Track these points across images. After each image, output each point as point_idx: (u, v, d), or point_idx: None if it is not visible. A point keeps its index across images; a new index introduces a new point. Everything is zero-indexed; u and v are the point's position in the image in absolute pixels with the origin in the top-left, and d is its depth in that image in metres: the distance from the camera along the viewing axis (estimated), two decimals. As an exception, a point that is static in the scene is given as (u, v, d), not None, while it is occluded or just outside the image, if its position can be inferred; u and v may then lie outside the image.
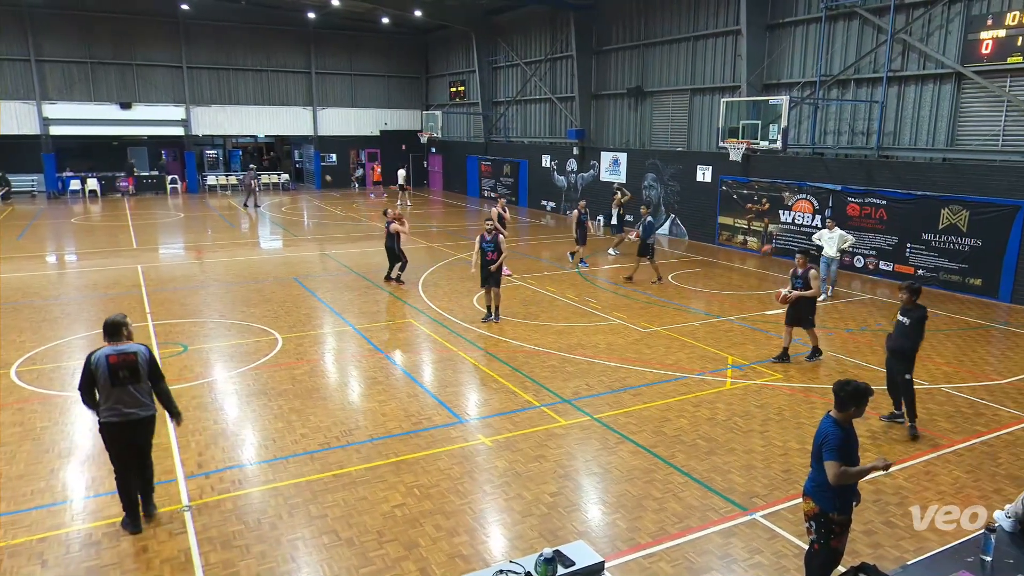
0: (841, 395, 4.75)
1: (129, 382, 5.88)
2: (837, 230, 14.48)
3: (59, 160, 33.12)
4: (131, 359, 5.89)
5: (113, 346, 5.92)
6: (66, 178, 33.35)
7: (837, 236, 14.30)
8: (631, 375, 10.08)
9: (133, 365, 5.89)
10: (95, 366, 5.84)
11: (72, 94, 32.04)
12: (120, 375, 5.84)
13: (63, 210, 28.81)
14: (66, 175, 33.39)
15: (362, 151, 39.91)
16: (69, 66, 31.83)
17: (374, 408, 8.86)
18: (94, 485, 6.89)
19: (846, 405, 4.75)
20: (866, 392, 4.74)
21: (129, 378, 5.88)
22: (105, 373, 5.82)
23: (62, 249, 20.83)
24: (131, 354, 5.91)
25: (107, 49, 32.35)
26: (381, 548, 5.89)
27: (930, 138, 16.31)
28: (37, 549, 5.84)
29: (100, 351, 5.90)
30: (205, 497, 6.67)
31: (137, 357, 5.92)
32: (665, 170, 23.40)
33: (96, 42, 32.08)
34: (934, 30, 16.00)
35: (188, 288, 15.28)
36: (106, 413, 5.91)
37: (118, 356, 5.86)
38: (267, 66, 35.84)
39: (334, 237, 22.72)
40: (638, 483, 7.02)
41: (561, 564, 4.02)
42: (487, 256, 12.40)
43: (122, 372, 5.85)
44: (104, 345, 5.96)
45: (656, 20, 23.57)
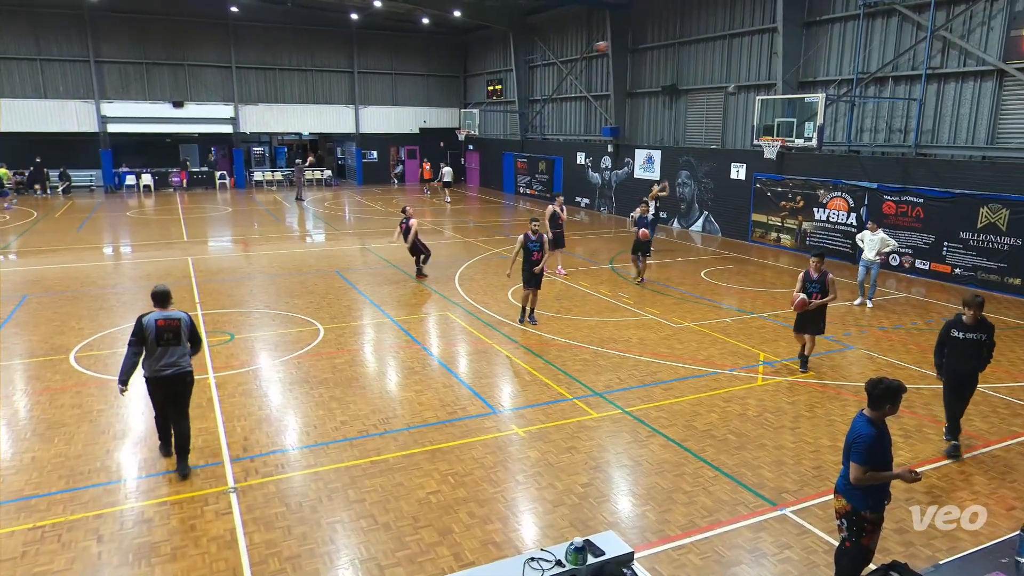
0: (875, 393, 4.63)
1: (171, 343, 6.70)
2: (880, 232, 13.43)
3: (116, 156, 34.03)
4: (175, 324, 6.73)
5: (161, 311, 6.73)
6: (122, 173, 34.26)
7: (878, 239, 13.27)
8: (662, 370, 9.99)
9: (176, 329, 6.72)
10: (146, 327, 6.62)
11: (128, 93, 32.88)
12: (165, 337, 6.66)
13: (119, 204, 29.61)
14: (122, 171, 34.30)
15: (402, 148, 40.20)
16: (125, 67, 32.65)
17: (411, 397, 8.94)
18: (146, 466, 7.09)
19: (880, 403, 4.63)
20: (899, 389, 4.62)
21: (172, 340, 6.69)
22: (153, 334, 6.62)
23: (118, 241, 21.41)
24: (175, 320, 6.74)
25: (161, 50, 33.10)
26: (416, 533, 5.96)
27: (970, 136, 15.81)
28: (93, 525, 6.04)
29: (150, 315, 6.69)
30: (250, 480, 6.81)
31: (180, 323, 6.75)
32: (699, 168, 23.09)
33: (151, 44, 32.84)
34: (976, 27, 15.49)
35: (235, 279, 15.58)
36: (150, 370, 6.74)
37: (165, 320, 6.68)
38: (312, 66, 36.28)
39: (374, 231, 22.93)
40: (668, 476, 6.96)
41: (591, 553, 4.02)
42: (532, 256, 11.72)
43: (167, 334, 6.67)
44: (154, 310, 6.73)
45: (692, 18, 23.24)
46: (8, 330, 11.56)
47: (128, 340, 6.74)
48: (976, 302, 7.10)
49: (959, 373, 7.27)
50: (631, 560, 4.14)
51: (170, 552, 5.67)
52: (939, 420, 8.39)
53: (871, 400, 4.66)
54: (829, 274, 9.56)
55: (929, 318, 13.09)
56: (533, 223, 11.99)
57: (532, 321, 12.05)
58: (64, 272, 16.10)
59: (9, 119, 30.85)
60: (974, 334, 7.15)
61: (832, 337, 11.55)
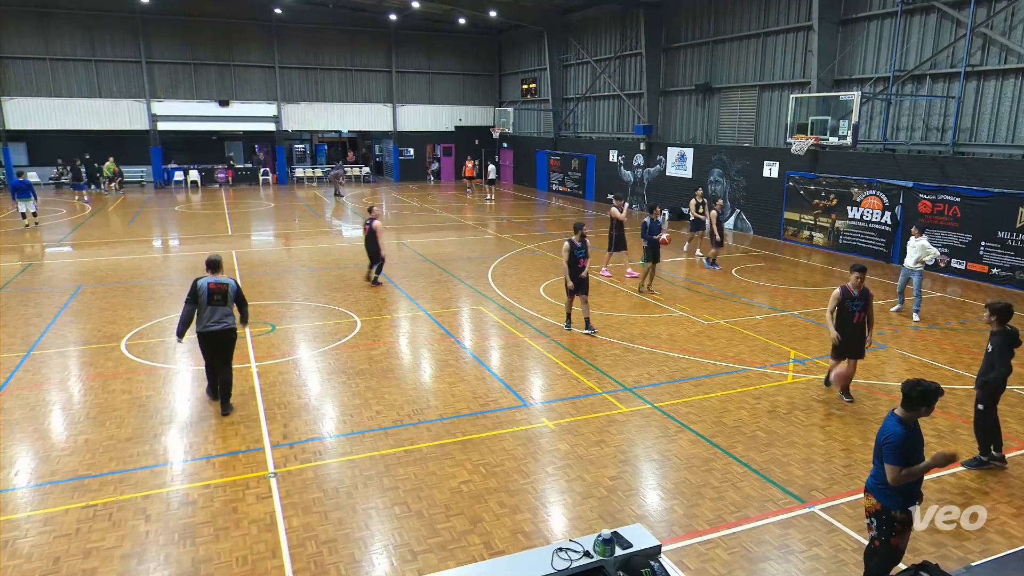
0: (912, 395, 4.48)
1: (220, 304, 7.86)
2: (923, 239, 12.17)
3: (165, 153, 34.83)
4: (224, 288, 7.89)
5: (213, 276, 7.94)
6: (171, 170, 35.06)
7: (919, 246, 12.06)
8: (692, 366, 9.89)
9: (224, 292, 7.88)
10: (200, 288, 7.81)
11: (177, 92, 33.61)
12: (215, 298, 7.83)
13: (168, 199, 30.30)
14: (171, 167, 35.10)
15: (437, 146, 40.39)
16: (174, 67, 33.37)
17: (444, 389, 8.99)
18: (192, 450, 7.26)
19: (916, 405, 4.50)
20: (936, 392, 4.49)
21: (220, 301, 7.86)
22: (205, 295, 7.79)
23: (166, 235, 21.92)
24: (224, 284, 7.93)
25: (208, 51, 33.74)
26: (448, 521, 6.00)
27: (1010, 134, 15.29)
28: (141, 505, 6.21)
29: (204, 279, 7.89)
30: (289, 465, 6.93)
31: (228, 287, 7.93)
32: (731, 166, 22.75)
33: (198, 45, 33.50)
34: (1017, 23, 14.95)
35: (277, 272, 15.84)
36: (202, 326, 7.88)
37: (216, 284, 7.86)
38: (351, 65, 36.63)
39: (410, 227, 23.10)
40: (697, 471, 6.90)
41: (619, 545, 4.00)
42: (579, 263, 11.05)
43: (216, 296, 7.83)
44: (207, 275, 7.95)
45: (726, 17, 22.87)
46: (64, 318, 11.93)
47: (184, 299, 7.91)
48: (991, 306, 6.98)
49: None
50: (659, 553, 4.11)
51: (213, 533, 5.80)
52: (971, 421, 8.16)
53: (906, 401, 4.54)
54: (870, 291, 8.44)
55: (964, 318, 12.72)
56: (579, 230, 11.20)
57: (591, 331, 11.21)
58: (116, 264, 16.54)
59: (65, 117, 31.77)
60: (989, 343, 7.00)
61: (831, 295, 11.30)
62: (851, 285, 8.32)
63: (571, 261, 11.00)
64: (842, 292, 8.37)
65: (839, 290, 8.40)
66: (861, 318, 8.33)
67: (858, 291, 8.29)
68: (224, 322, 7.91)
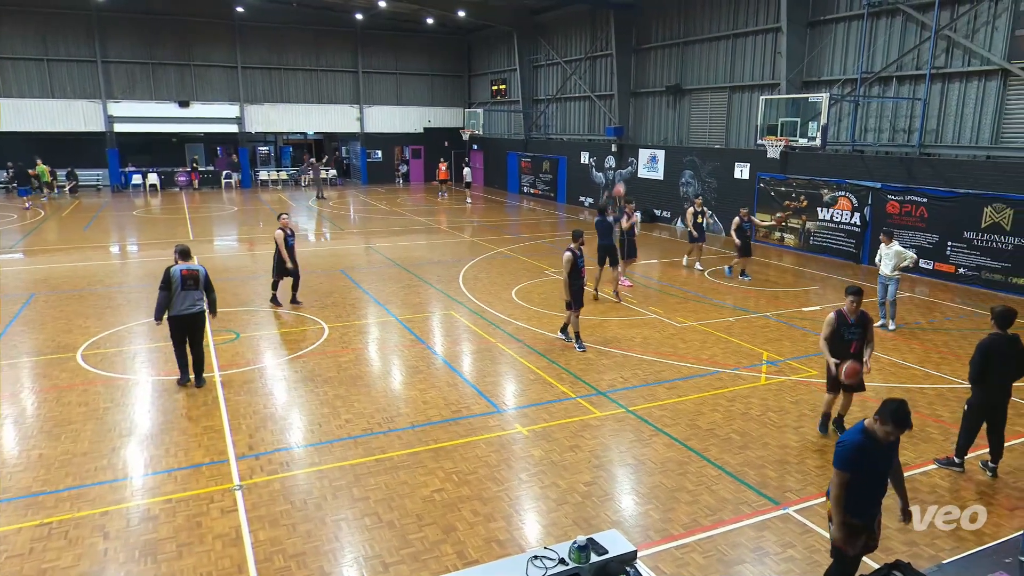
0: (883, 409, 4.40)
1: (192, 288, 8.80)
2: (895, 245, 11.75)
3: (122, 156, 34.12)
4: (195, 273, 8.86)
5: (185, 264, 8.82)
6: (128, 173, 34.37)
7: (893, 253, 11.63)
8: (666, 369, 9.98)
9: (196, 276, 8.84)
10: (173, 275, 8.68)
11: (134, 93, 32.98)
12: (188, 283, 8.75)
13: (125, 203, 29.70)
14: (128, 170, 34.41)
15: (406, 148, 40.22)
16: (132, 67, 32.74)
17: (415, 396, 8.95)
18: (152, 463, 7.11)
19: (883, 420, 4.40)
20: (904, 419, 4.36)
21: (192, 285, 8.79)
22: (178, 280, 8.69)
23: (124, 240, 21.47)
24: (195, 270, 8.90)
25: (167, 50, 33.18)
26: (420, 531, 5.96)
27: (974, 135, 15.75)
28: (100, 522, 6.06)
29: (176, 267, 8.75)
30: (255, 477, 6.83)
31: (199, 272, 8.90)
32: (703, 167, 23.06)
33: (157, 44, 32.92)
34: (980, 26, 15.42)
35: (241, 278, 15.61)
36: (176, 310, 8.73)
37: (188, 270, 8.79)
38: (316, 66, 36.32)
39: (378, 231, 22.96)
40: (672, 475, 6.96)
41: (594, 552, 4.02)
42: (581, 273, 10.63)
43: (189, 281, 8.77)
44: (178, 263, 8.80)
45: (696, 18, 23.19)
46: (16, 328, 11.61)
47: (159, 287, 8.78)
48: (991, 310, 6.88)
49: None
50: (634, 559, 4.14)
51: (175, 549, 5.68)
52: (941, 420, 8.38)
53: (878, 411, 4.47)
54: (868, 315, 7.62)
55: (932, 318, 13.05)
56: (579, 239, 10.76)
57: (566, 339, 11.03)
58: (71, 271, 16.15)
59: (16, 119, 30.97)
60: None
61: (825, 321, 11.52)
62: (846, 310, 7.38)
63: (573, 272, 10.45)
64: (837, 318, 7.39)
65: (833, 316, 7.41)
66: (859, 347, 7.39)
67: (855, 317, 7.37)
68: (197, 306, 8.87)
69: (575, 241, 10.76)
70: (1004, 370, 6.78)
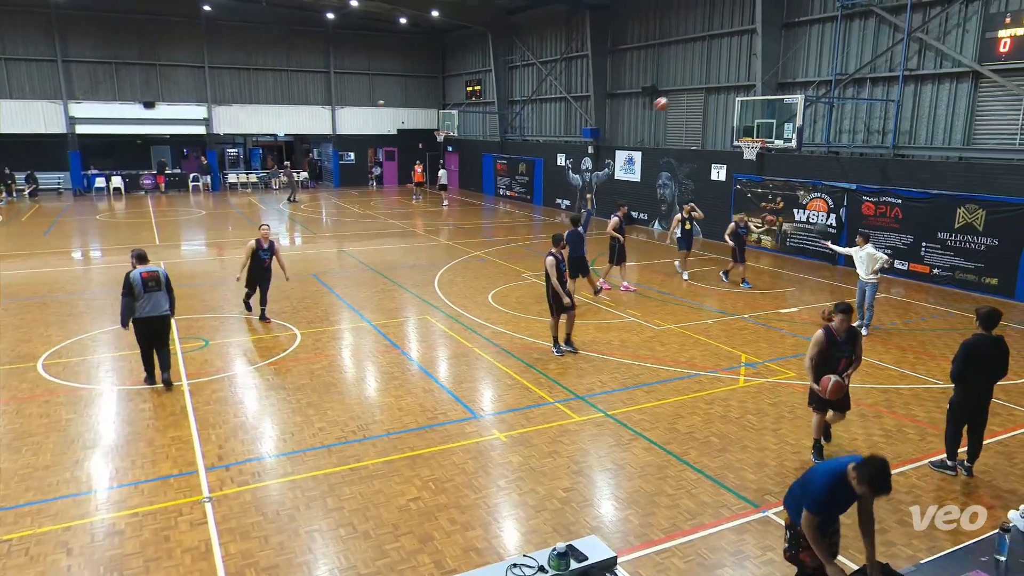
0: (867, 469, 4.31)
1: (155, 290, 8.93)
2: (869, 247, 11.65)
3: (84, 158, 33.52)
4: (156, 275, 9.00)
5: (144, 267, 8.97)
6: (91, 176, 33.75)
7: (866, 255, 11.56)
8: (644, 372, 10.04)
9: (157, 278, 8.98)
10: (133, 280, 8.81)
11: (97, 94, 32.41)
12: (150, 284, 8.89)
13: (88, 207, 29.16)
14: (91, 173, 33.79)
15: (379, 150, 40.04)
16: (95, 66, 32.19)
17: (390, 403, 8.89)
18: (118, 476, 6.98)
19: (861, 479, 4.32)
20: (881, 489, 4.30)
21: (155, 287, 8.93)
22: (140, 284, 8.81)
23: (87, 245, 21.08)
24: (155, 271, 9.06)
25: (131, 50, 32.67)
26: (397, 541, 5.92)
27: (946, 137, 16.10)
28: (63, 538, 5.93)
29: (136, 271, 8.89)
30: (225, 489, 6.73)
31: (159, 273, 9.06)
32: (679, 169, 23.27)
33: (121, 43, 32.41)
34: (951, 28, 15.79)
35: (210, 284, 15.41)
36: (141, 313, 8.86)
37: (148, 273, 8.94)
38: (287, 66, 36.03)
39: (352, 234, 22.82)
40: (651, 479, 7.00)
41: (574, 559, 4.03)
42: (563, 277, 10.65)
43: (151, 283, 8.91)
44: (136, 267, 8.94)
45: (671, 19, 23.43)
46: (-28, 338, 11.33)
47: (121, 293, 8.91)
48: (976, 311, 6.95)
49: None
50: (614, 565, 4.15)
51: (143, 565, 5.58)
52: (918, 420, 8.53)
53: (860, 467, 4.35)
54: (857, 330, 7.35)
55: (908, 318, 13.30)
56: (560, 243, 10.79)
57: (571, 349, 10.83)
58: (31, 277, 15.81)
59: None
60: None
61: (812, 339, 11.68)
62: (835, 327, 7.02)
63: (559, 277, 10.48)
64: (826, 336, 7.01)
65: (822, 334, 7.03)
66: (847, 364, 7.10)
67: (843, 335, 7.04)
68: (162, 307, 9.01)
69: (556, 246, 10.72)
70: (987, 371, 6.92)
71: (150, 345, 9.11)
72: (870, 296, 11.75)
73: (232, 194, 35.09)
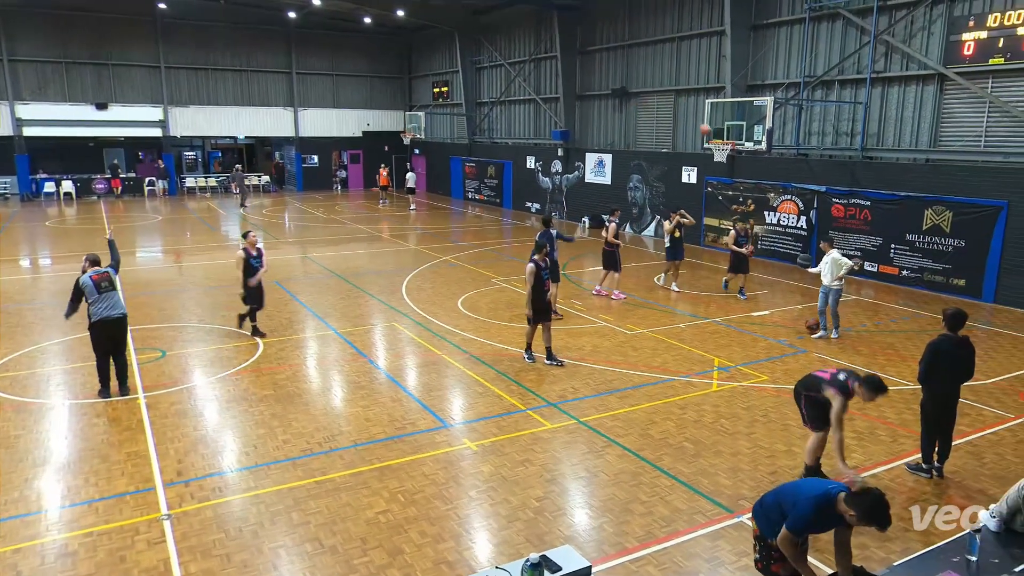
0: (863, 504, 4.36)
1: (108, 289, 8.90)
2: (834, 252, 11.81)
3: (33, 162, 32.69)
4: (106, 275, 9.03)
5: (94, 270, 8.96)
6: (40, 180, 32.93)
7: (831, 261, 11.67)
8: (617, 378, 10.10)
9: (108, 278, 9.01)
10: (83, 285, 8.82)
11: (46, 94, 31.65)
12: (103, 285, 8.88)
13: (37, 213, 28.44)
14: (40, 177, 32.97)
15: (344, 152, 39.73)
16: (43, 66, 31.44)
17: (357, 413, 8.82)
18: (71, 495, 6.80)
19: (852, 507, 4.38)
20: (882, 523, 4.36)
21: (109, 287, 8.93)
22: (92, 287, 8.80)
23: (36, 253, 20.55)
24: (105, 271, 9.06)
25: (82, 49, 31.99)
26: (365, 555, 5.87)
27: (913, 139, 16.51)
28: (11, 560, 5.75)
29: (86, 275, 8.87)
30: (185, 505, 6.60)
31: (110, 272, 9.11)
32: (650, 171, 23.51)
33: (71, 41, 31.71)
34: (917, 31, 16.21)
35: (166, 292, 15.14)
36: (98, 315, 8.78)
37: (98, 275, 8.94)
38: (247, 66, 35.60)
39: (316, 239, 22.60)
40: (625, 487, 7.03)
41: (548, 569, 4.03)
42: (545, 286, 10.55)
43: (103, 283, 8.90)
44: (87, 271, 8.92)
45: (640, 20, 23.68)
46: (-88, 351, 10.97)
47: (69, 300, 9.03)
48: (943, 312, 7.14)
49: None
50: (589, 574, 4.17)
51: (97, 586, 5.44)
52: (889, 421, 8.72)
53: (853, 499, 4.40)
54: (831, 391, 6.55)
55: (878, 320, 13.58)
56: (543, 249, 10.69)
57: (555, 362, 10.52)
58: (-24, 287, 15.36)
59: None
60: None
61: (785, 341, 11.90)
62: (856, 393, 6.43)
63: (537, 284, 10.28)
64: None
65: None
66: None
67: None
68: (118, 308, 8.96)
69: (538, 252, 10.57)
70: (954, 371, 7.09)
71: (107, 352, 9.02)
72: (833, 302, 11.84)
73: (190, 199, 34.54)
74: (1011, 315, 13.94)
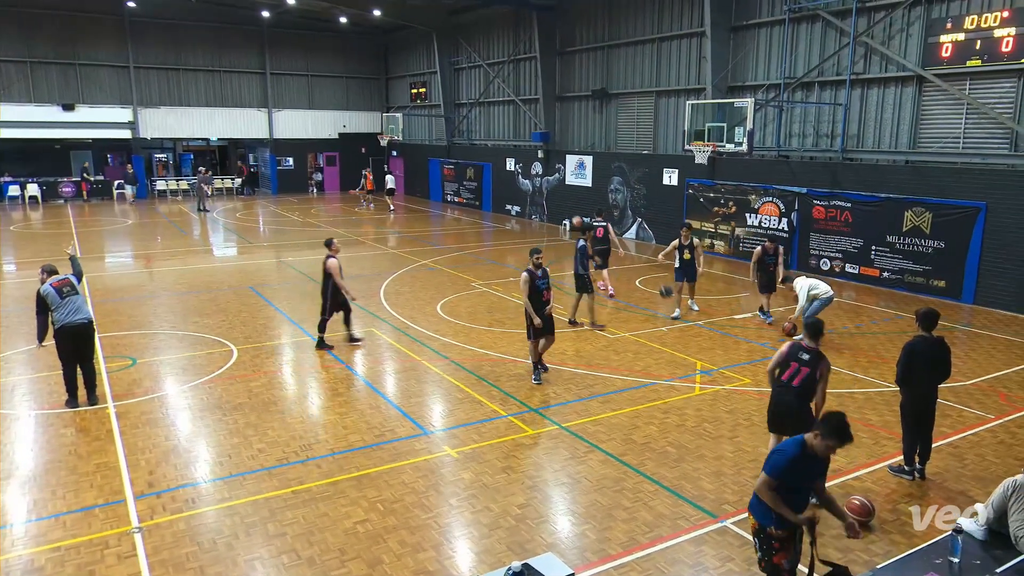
0: (829, 423, 4.64)
1: (71, 294, 8.88)
2: (804, 281, 12.16)
3: (-4, 165, 32.19)
4: (67, 281, 8.99)
5: (54, 278, 8.93)
6: (4, 183, 32.38)
7: (807, 288, 11.90)
8: (599, 382, 10.13)
9: (69, 283, 8.97)
10: (45, 294, 8.73)
11: (10, 95, 31.12)
12: (65, 291, 8.84)
13: (1, 217, 27.95)
14: (3, 180, 32.42)
15: (320, 155, 39.50)
16: (7, 65, 30.91)
17: (335, 421, 8.76)
18: (37, 508, 6.68)
19: (827, 435, 4.63)
20: (845, 436, 4.62)
21: (71, 291, 8.90)
22: (54, 294, 8.74)
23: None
24: (65, 278, 9.01)
25: (48, 47, 31.53)
26: (343, 566, 5.82)
27: (893, 140, 16.77)
28: (-26, 577, 5.65)
29: (46, 284, 8.81)
30: (156, 518, 6.51)
31: (69, 279, 9.05)
32: (631, 173, 23.64)
33: (36, 40, 31.23)
34: (895, 33, 16.48)
35: (136, 298, 14.94)
36: (63, 321, 8.71)
37: (59, 282, 8.91)
38: (219, 66, 35.29)
39: (291, 244, 22.44)
40: (608, 492, 7.05)
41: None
42: (542, 296, 9.84)
43: (65, 288, 8.87)
44: (46, 281, 8.86)
45: (620, 21, 23.83)
46: None
47: (35, 312, 8.82)
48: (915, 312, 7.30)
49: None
50: (572, 582, 4.17)
51: (65, 603, 5.35)
52: (872, 424, 8.83)
53: (820, 425, 4.70)
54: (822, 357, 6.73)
55: (859, 322, 13.76)
56: (535, 255, 9.91)
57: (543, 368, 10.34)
58: (-64, 294, 15.06)
59: None
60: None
61: (768, 344, 12.01)
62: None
63: (533, 295, 9.70)
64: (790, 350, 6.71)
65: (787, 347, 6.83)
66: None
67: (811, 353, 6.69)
68: (84, 313, 8.91)
69: (532, 258, 9.93)
70: (931, 372, 7.20)
71: (74, 361, 8.92)
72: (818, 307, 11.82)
73: (161, 202, 34.14)
74: (990, 316, 14.19)
